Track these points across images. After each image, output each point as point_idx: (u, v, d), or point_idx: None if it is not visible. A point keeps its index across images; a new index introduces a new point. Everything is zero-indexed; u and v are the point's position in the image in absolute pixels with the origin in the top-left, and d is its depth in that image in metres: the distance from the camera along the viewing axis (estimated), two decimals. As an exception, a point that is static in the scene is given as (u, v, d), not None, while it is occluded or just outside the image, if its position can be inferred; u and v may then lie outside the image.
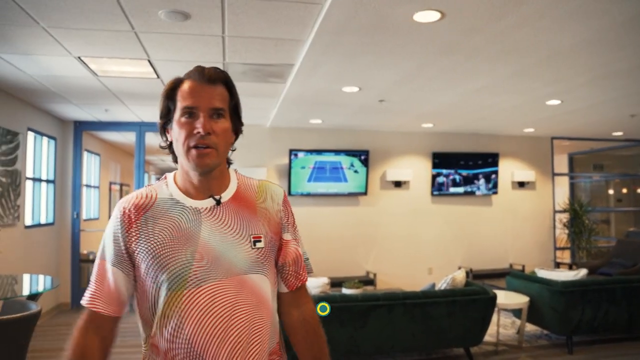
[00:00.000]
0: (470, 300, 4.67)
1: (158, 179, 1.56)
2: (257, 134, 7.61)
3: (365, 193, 8.09)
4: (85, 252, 7.80)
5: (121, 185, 11.28)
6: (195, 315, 1.29)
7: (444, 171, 8.46)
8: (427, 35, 3.56)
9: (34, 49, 4.02)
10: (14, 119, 5.74)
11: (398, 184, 8.29)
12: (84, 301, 1.35)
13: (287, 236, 1.47)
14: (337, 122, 7.37)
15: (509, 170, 8.95)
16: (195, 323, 1.29)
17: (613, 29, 3.48)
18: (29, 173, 6.28)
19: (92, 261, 5.26)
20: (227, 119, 1.37)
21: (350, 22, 3.32)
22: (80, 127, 7.46)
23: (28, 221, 6.24)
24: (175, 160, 1.42)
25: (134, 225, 1.34)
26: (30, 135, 6.31)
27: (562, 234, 9.60)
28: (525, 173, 9.00)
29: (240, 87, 1.51)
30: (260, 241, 1.40)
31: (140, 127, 7.55)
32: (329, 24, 3.35)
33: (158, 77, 4.88)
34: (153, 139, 8.56)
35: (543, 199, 9.20)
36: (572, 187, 13.39)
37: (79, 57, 4.23)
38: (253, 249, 1.38)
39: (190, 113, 1.32)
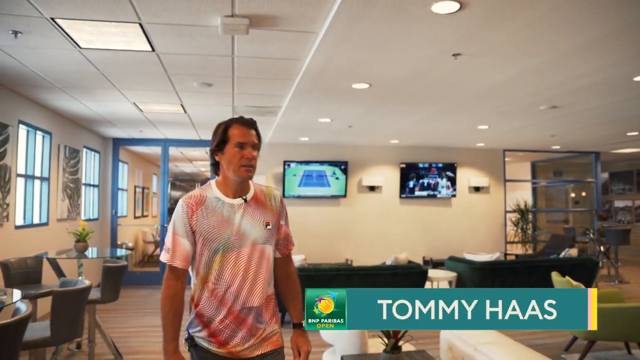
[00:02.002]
0: (407, 273, 6.58)
1: (170, 181, 3.13)
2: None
3: (345, 196, 10.03)
4: (119, 242, 9.74)
5: (143, 188, 13.24)
6: (233, 266, 2.04)
7: (410, 177, 10.37)
8: (365, 95, 5.51)
9: (106, 99, 5.99)
10: (76, 140, 7.69)
11: (372, 189, 10.23)
12: (166, 259, 2.03)
13: (282, 222, 2.22)
14: (320, 139, 9.31)
15: (466, 177, 10.83)
16: (231, 271, 2.04)
17: (495, 88, 5.40)
18: (84, 179, 8.22)
19: (125, 249, 7.41)
20: (258, 150, 2.10)
21: (313, 88, 5.25)
22: (118, 143, 9.44)
23: (83, 216, 8.18)
24: (215, 172, 2.15)
25: (195, 213, 2.03)
26: (84, 151, 8.24)
27: (511, 230, 11.44)
28: (480, 179, 10.88)
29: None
30: (269, 225, 2.12)
31: (165, 143, 9.51)
32: (300, 87, 5.25)
33: (185, 112, 6.81)
34: (172, 151, 10.49)
35: (495, 201, 11.08)
36: (535, 191, 15.21)
37: (134, 103, 6.19)
38: (265, 229, 2.11)
39: (241, 145, 2.04)
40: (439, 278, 7.17)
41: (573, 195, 15.86)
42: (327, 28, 3.48)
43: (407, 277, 6.55)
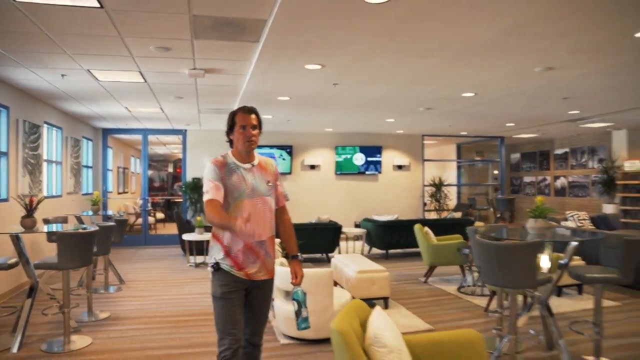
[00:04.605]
0: (325, 228, 9.16)
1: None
2: (221, 136, 11.98)
3: (290, 173, 12.58)
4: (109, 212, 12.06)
5: (124, 168, 15.51)
6: (248, 209, 2.75)
7: (343, 158, 12.96)
8: (289, 103, 8.03)
9: (106, 105, 8.34)
10: (78, 132, 10.00)
11: (313, 167, 12.81)
12: (208, 197, 2.69)
13: (278, 182, 3.00)
14: (269, 128, 11.78)
15: (390, 157, 13.47)
16: (248, 210, 2.74)
17: (377, 98, 7.94)
18: (83, 162, 10.53)
19: (111, 218, 9.79)
20: (258, 129, 2.85)
21: (252, 99, 7.69)
22: (107, 132, 11.75)
23: (83, 191, 10.51)
24: (231, 146, 2.90)
25: (222, 170, 2.78)
26: (83, 140, 10.53)
27: (428, 200, 14.15)
28: (402, 159, 13.53)
29: (212, 115, 5.87)
30: (270, 182, 2.90)
31: (145, 132, 11.84)
32: (243, 100, 7.68)
33: (163, 112, 9.19)
34: (149, 137, 12.78)
35: (415, 177, 13.77)
36: (459, 169, 17.97)
37: (126, 107, 8.55)
38: (268, 185, 2.88)
39: (243, 127, 2.80)
40: (352, 233, 9.79)
41: (496, 172, 18.62)
42: (250, 74, 5.97)
43: (325, 231, 9.14)
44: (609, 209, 12.27)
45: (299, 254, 3.06)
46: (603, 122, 11.11)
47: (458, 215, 10.91)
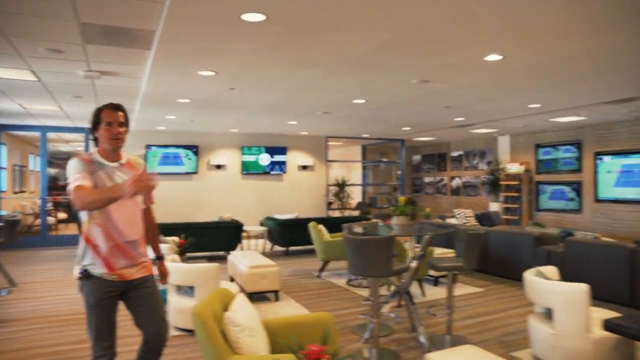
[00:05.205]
0: (227, 227, 9.43)
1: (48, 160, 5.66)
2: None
3: (196, 173, 12.70)
4: (2, 212, 11.58)
5: (21, 166, 14.84)
6: (117, 208, 2.71)
7: (249, 158, 13.27)
8: (189, 105, 8.22)
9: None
10: (-34, 128, 9.59)
11: (219, 167, 13.00)
12: (75, 183, 2.54)
13: None
14: (175, 128, 11.86)
15: (295, 158, 13.94)
16: (116, 212, 2.72)
17: (274, 103, 8.33)
18: (-28, 160, 10.10)
19: (2, 219, 9.44)
20: (125, 126, 2.80)
21: (152, 101, 7.83)
22: (1, 129, 11.26)
23: (-27, 190, 10.08)
24: (96, 144, 2.81)
25: (88, 165, 2.69)
26: (-28, 136, 10.10)
27: (332, 199, 14.79)
28: (307, 160, 14.04)
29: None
30: None
31: (44, 129, 11.50)
32: (144, 101, 7.81)
33: (62, 110, 9.04)
34: (50, 134, 12.40)
35: (319, 177, 14.32)
36: (364, 169, 18.81)
37: (20, 104, 8.35)
38: None
39: (109, 123, 2.73)
40: (254, 231, 10.14)
41: (399, 172, 19.68)
42: (147, 78, 6.15)
43: (227, 230, 9.42)
44: (494, 206, 13.46)
45: (163, 254, 3.20)
46: (488, 129, 12.22)
47: (357, 213, 11.56)
